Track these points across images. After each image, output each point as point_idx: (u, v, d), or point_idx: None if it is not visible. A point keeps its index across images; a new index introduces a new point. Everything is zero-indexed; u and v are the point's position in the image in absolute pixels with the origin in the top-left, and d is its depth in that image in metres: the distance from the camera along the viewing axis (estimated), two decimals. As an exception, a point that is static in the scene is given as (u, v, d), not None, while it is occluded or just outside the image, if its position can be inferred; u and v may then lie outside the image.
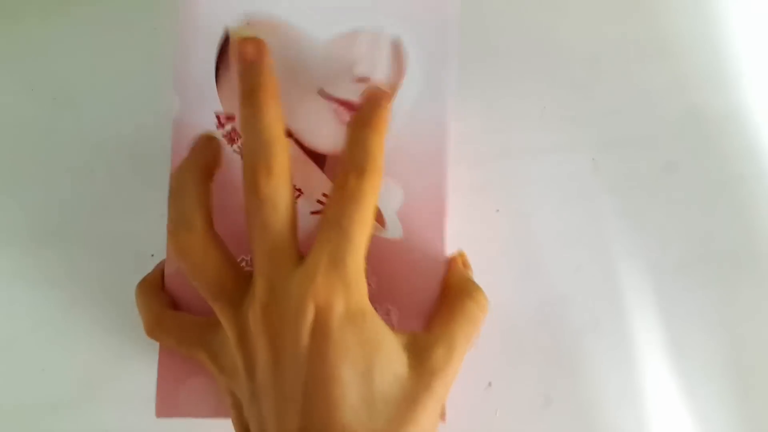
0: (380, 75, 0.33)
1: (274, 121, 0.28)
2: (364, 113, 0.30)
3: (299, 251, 0.29)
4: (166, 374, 0.33)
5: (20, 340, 0.49)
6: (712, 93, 0.51)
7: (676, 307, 0.47)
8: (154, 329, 0.33)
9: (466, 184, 0.48)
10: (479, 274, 0.47)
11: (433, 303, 0.33)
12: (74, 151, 0.52)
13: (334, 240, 0.27)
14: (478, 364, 0.45)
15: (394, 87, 0.32)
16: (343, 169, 0.28)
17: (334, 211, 0.28)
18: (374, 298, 0.32)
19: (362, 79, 0.33)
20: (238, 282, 0.29)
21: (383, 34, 0.33)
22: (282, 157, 0.28)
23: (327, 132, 0.33)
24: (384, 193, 0.32)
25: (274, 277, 0.27)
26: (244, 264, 0.32)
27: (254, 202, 0.28)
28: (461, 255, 0.37)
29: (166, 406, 0.33)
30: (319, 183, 0.33)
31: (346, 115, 0.32)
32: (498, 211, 0.48)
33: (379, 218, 0.33)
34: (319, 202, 0.33)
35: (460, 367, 0.31)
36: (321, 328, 0.26)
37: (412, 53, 0.33)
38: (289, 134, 0.33)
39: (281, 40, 0.32)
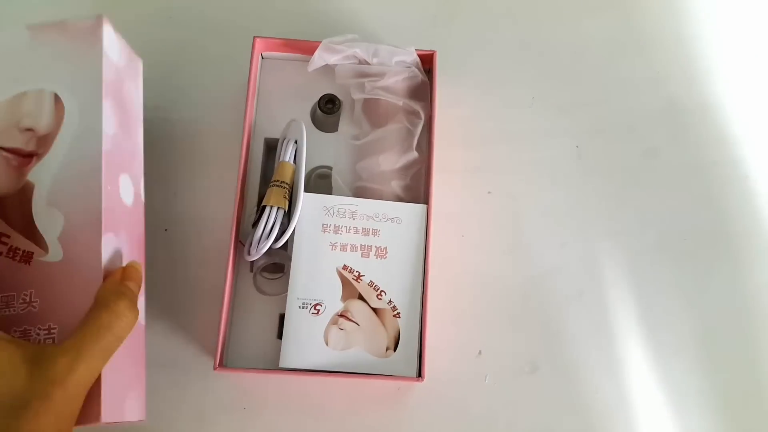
0: (43, 123, 0.39)
1: None
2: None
3: None
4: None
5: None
6: (688, 85, 0.55)
7: (653, 280, 0.50)
8: None
9: (460, 166, 0.52)
10: (472, 250, 0.50)
11: None
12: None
13: None
14: (469, 334, 0.48)
15: (55, 131, 0.39)
16: None
17: None
18: (38, 318, 0.36)
19: (28, 129, 0.39)
20: None
21: (44, 92, 0.39)
22: None
23: (0, 177, 0.39)
24: (47, 220, 0.37)
25: None
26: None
27: None
28: (126, 268, 0.37)
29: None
30: None
31: (15, 161, 0.39)
32: (490, 192, 0.51)
33: (42, 244, 0.37)
34: None
35: (94, 373, 0.32)
36: None
37: (69, 104, 0.39)
38: None
39: None
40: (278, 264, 0.47)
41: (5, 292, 0.37)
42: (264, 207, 0.45)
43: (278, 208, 0.45)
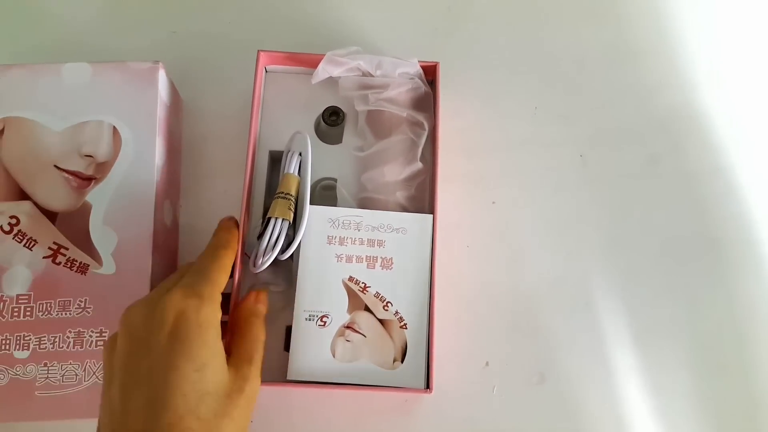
0: (102, 152, 0.44)
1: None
2: (220, 234, 0.42)
3: None
4: None
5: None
6: (690, 92, 0.55)
7: (658, 289, 0.50)
8: None
9: (465, 176, 0.52)
10: (478, 260, 0.50)
11: None
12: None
13: (195, 277, 0.37)
14: (475, 345, 0.48)
15: (113, 160, 0.44)
16: (212, 244, 0.41)
17: (200, 264, 0.39)
18: (92, 322, 0.42)
19: (88, 156, 0.44)
20: None
21: (104, 123, 0.45)
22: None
23: (60, 195, 0.44)
24: (102, 237, 0.43)
25: (154, 295, 0.37)
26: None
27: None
28: (258, 293, 0.43)
29: None
30: (51, 234, 0.43)
31: (74, 182, 0.44)
32: (494, 202, 0.51)
33: (97, 258, 0.43)
34: (50, 248, 0.43)
35: (260, 373, 0.39)
36: (176, 330, 0.34)
37: (126, 136, 0.45)
38: (29, 198, 0.44)
39: (26, 130, 0.45)
40: (284, 276, 0.47)
41: (63, 297, 0.42)
42: (269, 219, 0.45)
43: (283, 219, 0.45)
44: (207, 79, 0.54)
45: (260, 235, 0.45)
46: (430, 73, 0.50)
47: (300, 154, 0.47)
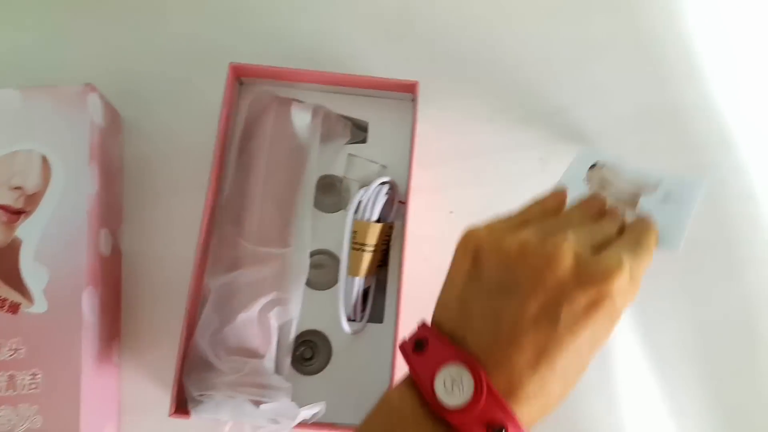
0: (32, 183, 0.42)
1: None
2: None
3: None
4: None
5: None
6: (663, 88, 0.52)
7: (642, 307, 0.48)
8: None
9: (419, 185, 0.49)
10: (436, 274, 0.47)
11: (77, 363, 0.40)
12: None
13: (636, 250, 0.31)
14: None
15: (42, 191, 0.42)
16: (644, 224, 0.35)
17: (635, 235, 0.33)
18: (24, 365, 0.40)
19: (17, 188, 0.42)
20: None
21: (33, 153, 0.43)
22: None
23: None
24: (33, 274, 0.41)
25: (583, 240, 0.31)
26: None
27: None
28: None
29: None
30: None
31: (4, 216, 0.42)
32: (452, 212, 0.49)
33: (28, 296, 0.41)
34: None
35: None
36: (595, 307, 0.29)
37: (56, 165, 0.42)
38: None
39: None
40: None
41: None
42: None
43: None
44: (150, 94, 0.51)
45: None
46: (410, 90, 0.48)
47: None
